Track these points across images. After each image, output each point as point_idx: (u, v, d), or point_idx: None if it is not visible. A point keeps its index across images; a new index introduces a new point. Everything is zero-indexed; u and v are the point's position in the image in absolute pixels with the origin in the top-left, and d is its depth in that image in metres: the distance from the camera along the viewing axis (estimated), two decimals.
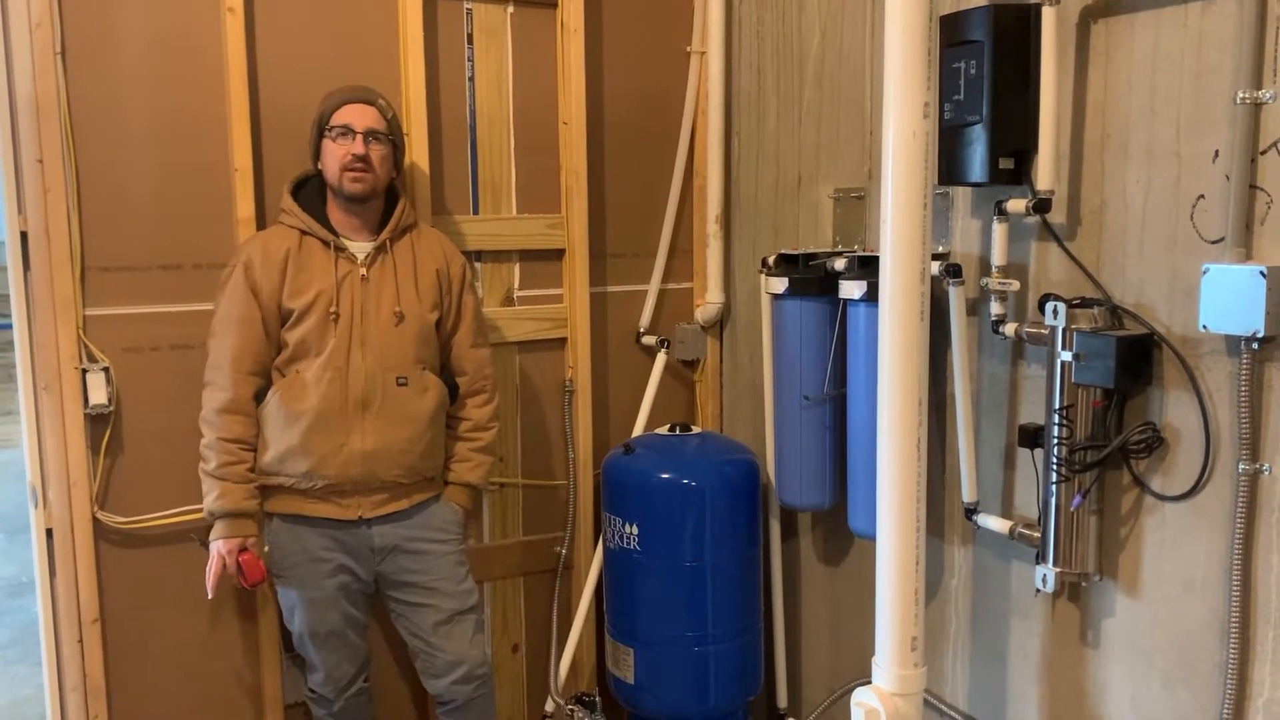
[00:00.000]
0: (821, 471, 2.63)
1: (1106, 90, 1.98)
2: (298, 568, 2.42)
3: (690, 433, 2.85)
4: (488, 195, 2.88)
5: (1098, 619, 2.08)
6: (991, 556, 2.32)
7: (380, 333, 2.39)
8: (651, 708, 2.77)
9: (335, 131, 2.36)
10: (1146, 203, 1.92)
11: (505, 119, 2.88)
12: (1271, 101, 1.70)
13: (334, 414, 2.35)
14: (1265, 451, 1.75)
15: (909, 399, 1.95)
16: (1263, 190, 1.72)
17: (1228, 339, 1.79)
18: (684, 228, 3.16)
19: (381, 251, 2.43)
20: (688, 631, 2.68)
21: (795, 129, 2.84)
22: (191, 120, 2.51)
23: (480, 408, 2.58)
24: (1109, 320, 1.96)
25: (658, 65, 3.07)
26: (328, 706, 2.55)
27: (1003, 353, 2.24)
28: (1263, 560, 1.77)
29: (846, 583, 2.79)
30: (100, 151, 2.43)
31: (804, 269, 2.58)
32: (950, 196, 2.33)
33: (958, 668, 2.43)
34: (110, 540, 2.50)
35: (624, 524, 2.71)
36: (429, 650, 2.52)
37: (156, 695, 2.58)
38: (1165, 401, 1.91)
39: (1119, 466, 2.00)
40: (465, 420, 2.56)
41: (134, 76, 2.45)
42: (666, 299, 3.16)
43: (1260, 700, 1.79)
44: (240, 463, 2.33)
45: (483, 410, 2.58)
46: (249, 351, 2.34)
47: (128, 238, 2.47)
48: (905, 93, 1.87)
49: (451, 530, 2.54)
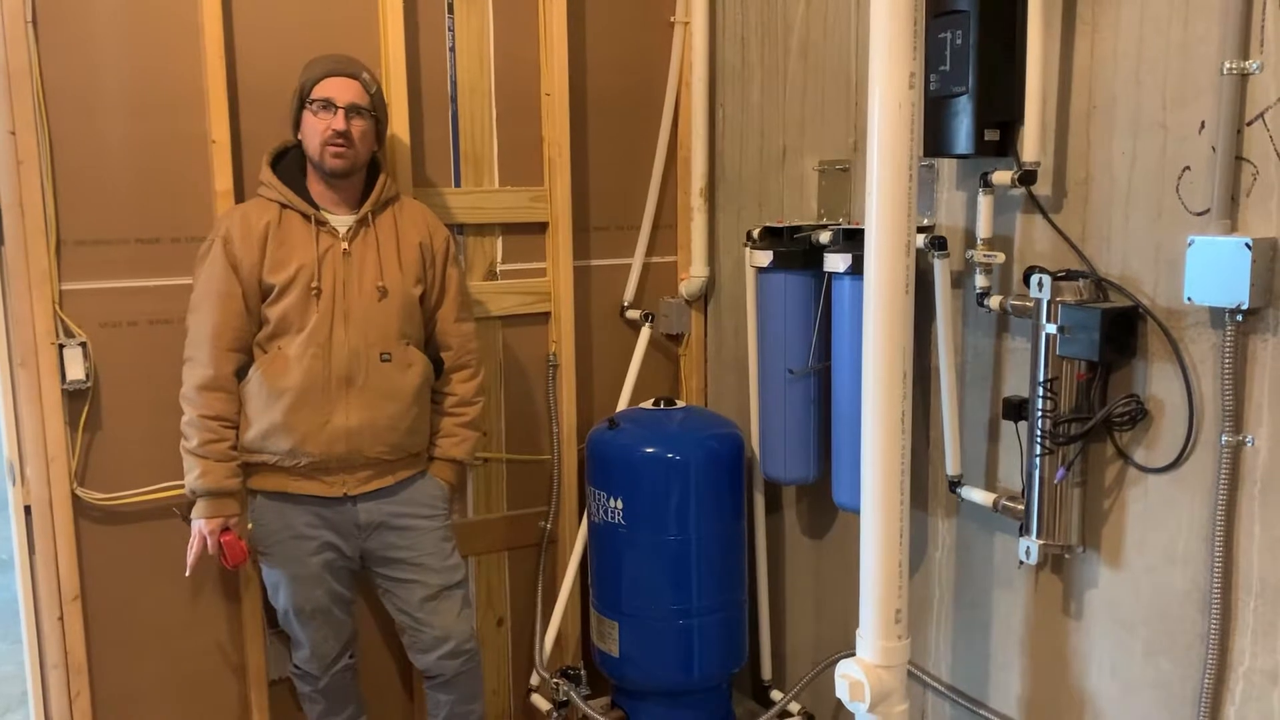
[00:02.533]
0: (806, 445, 2.63)
1: (1093, 60, 1.97)
2: (282, 545, 2.41)
3: (675, 407, 2.85)
4: (469, 167, 2.85)
5: (1080, 590, 2.09)
6: (975, 529, 2.32)
7: (363, 308, 2.36)
8: (636, 680, 2.78)
9: (316, 105, 2.32)
10: (1132, 174, 1.91)
11: (487, 90, 2.85)
12: (1258, 72, 1.69)
13: (317, 390, 2.33)
14: (1248, 423, 1.76)
15: (893, 372, 1.95)
16: (1249, 162, 1.72)
17: (1212, 311, 1.79)
18: (668, 201, 3.14)
19: (363, 225, 2.40)
20: (672, 605, 2.69)
21: (780, 100, 2.82)
22: (168, 90, 2.46)
23: (465, 383, 2.56)
24: (1094, 293, 1.96)
25: (641, 36, 3.04)
26: (313, 683, 2.55)
27: (987, 325, 2.24)
28: (1244, 531, 1.78)
29: (831, 556, 2.80)
30: (74, 123, 2.39)
31: (789, 242, 2.57)
32: (936, 168, 2.32)
33: (941, 640, 2.44)
34: (90, 517, 2.48)
35: (609, 498, 2.70)
36: (416, 626, 2.51)
37: (139, 672, 2.57)
38: (1149, 374, 1.91)
39: (1103, 439, 2.01)
40: (450, 395, 2.55)
41: (108, 46, 2.41)
42: (651, 273, 3.15)
43: (1241, 669, 1.81)
44: (222, 440, 2.31)
45: (468, 385, 2.56)
46: (229, 327, 2.32)
47: (104, 211, 2.44)
48: (891, 63, 1.86)
49: (437, 506, 2.53)
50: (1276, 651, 1.75)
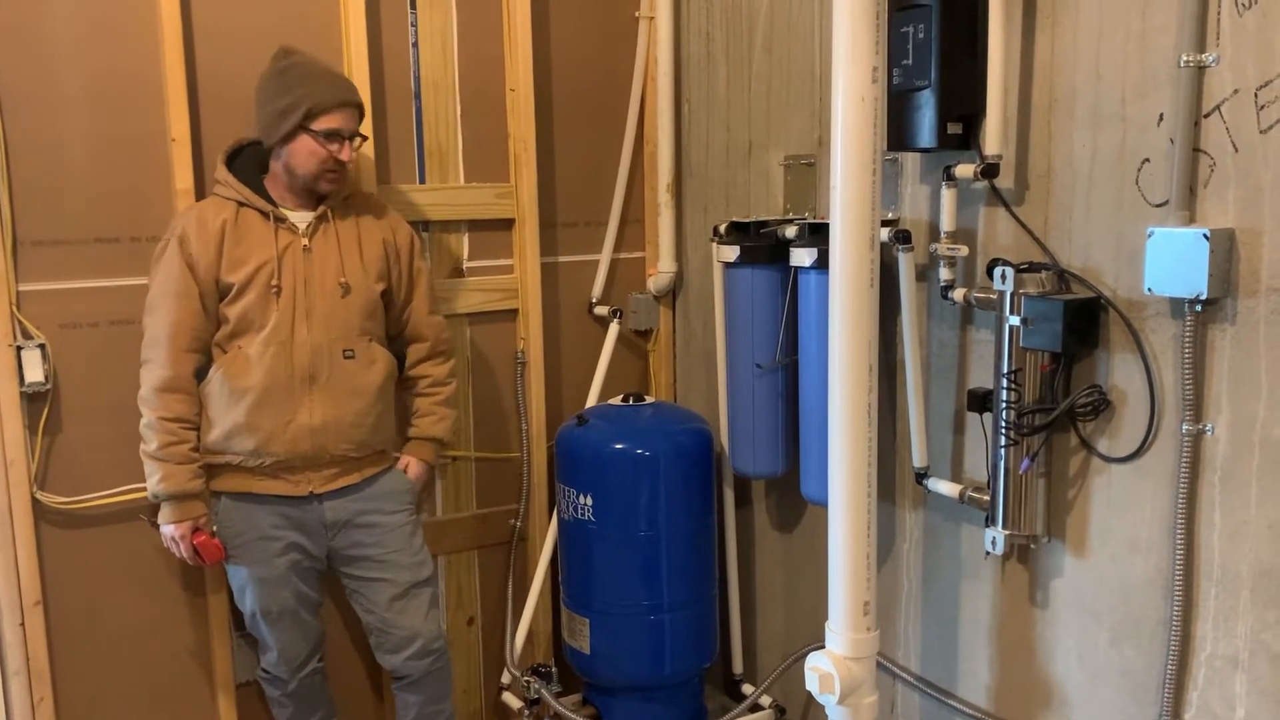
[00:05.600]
0: (774, 439, 2.63)
1: (1053, 53, 1.98)
2: (248, 546, 2.38)
3: (644, 403, 2.84)
4: (434, 164, 2.83)
5: (1046, 580, 2.11)
6: (942, 520, 2.34)
7: (325, 305, 2.34)
8: (608, 677, 2.78)
9: (324, 134, 2.29)
10: (1093, 166, 1.93)
11: (451, 85, 2.83)
12: (1215, 64, 1.70)
13: (280, 389, 2.30)
14: (1208, 412, 1.78)
15: (859, 365, 1.96)
16: (1206, 153, 1.73)
17: (1172, 301, 1.80)
18: (635, 196, 3.13)
19: (323, 221, 2.38)
20: (643, 600, 2.69)
21: (745, 96, 2.82)
22: (126, 87, 2.42)
23: (438, 366, 2.57)
24: (1056, 284, 1.97)
25: (606, 30, 3.03)
26: (282, 686, 2.53)
27: (952, 318, 2.25)
28: (1205, 519, 1.80)
29: (800, 549, 2.80)
30: (30, 120, 2.34)
31: (755, 237, 2.57)
32: (899, 162, 2.33)
33: (910, 630, 2.46)
34: (51, 521, 2.44)
35: (578, 495, 2.70)
36: (383, 626, 2.49)
37: (104, 677, 2.54)
38: (1111, 364, 1.93)
39: (1066, 429, 2.02)
40: (424, 378, 2.55)
41: (64, 42, 2.36)
42: (619, 269, 3.14)
43: (1203, 655, 1.83)
44: (182, 442, 2.28)
45: (441, 368, 2.57)
46: (186, 327, 2.29)
47: (62, 210, 2.39)
48: (854, 57, 1.86)
49: (404, 501, 2.51)
50: (1237, 637, 1.78)
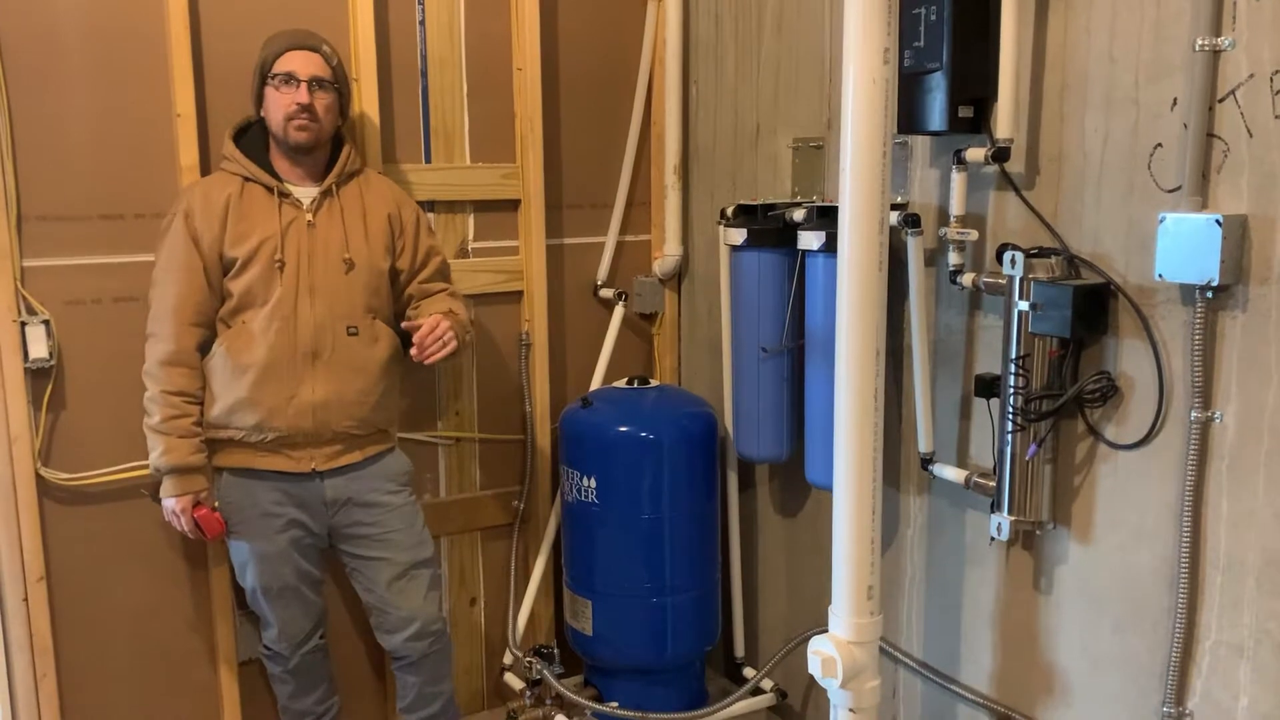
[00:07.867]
0: (779, 423, 2.62)
1: (1066, 37, 1.96)
2: (249, 523, 2.38)
3: (648, 386, 2.84)
4: (440, 144, 2.81)
5: (1051, 566, 2.11)
6: (947, 506, 2.33)
7: (329, 280, 2.33)
8: (609, 659, 2.78)
9: (278, 79, 2.29)
10: (1104, 151, 1.91)
11: (458, 64, 2.81)
12: (1230, 49, 1.69)
13: (283, 365, 2.30)
14: (1217, 400, 1.76)
15: (866, 350, 1.95)
16: (1220, 139, 1.72)
17: (1182, 288, 1.79)
18: (642, 178, 3.12)
19: (328, 197, 2.37)
20: (645, 583, 2.69)
21: (754, 78, 2.80)
22: (132, 63, 2.41)
23: (455, 298, 2.52)
24: (1066, 270, 1.96)
25: (614, 10, 3.00)
26: (283, 663, 2.53)
27: (960, 303, 2.24)
28: (1212, 507, 1.79)
29: (803, 533, 2.80)
30: (36, 95, 2.33)
31: (762, 220, 2.55)
32: (909, 146, 2.31)
33: (913, 616, 2.45)
34: (55, 497, 2.44)
35: (582, 477, 2.69)
36: (383, 607, 2.50)
37: (106, 653, 2.54)
38: (1120, 351, 1.92)
39: (1074, 415, 2.01)
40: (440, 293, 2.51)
41: (69, 18, 2.35)
42: (624, 251, 3.12)
43: (1208, 643, 1.82)
44: (185, 416, 2.28)
45: (457, 300, 2.52)
46: (191, 301, 2.29)
47: (67, 186, 2.39)
48: (865, 38, 1.84)
49: (405, 481, 2.51)
50: (1242, 626, 1.77)
